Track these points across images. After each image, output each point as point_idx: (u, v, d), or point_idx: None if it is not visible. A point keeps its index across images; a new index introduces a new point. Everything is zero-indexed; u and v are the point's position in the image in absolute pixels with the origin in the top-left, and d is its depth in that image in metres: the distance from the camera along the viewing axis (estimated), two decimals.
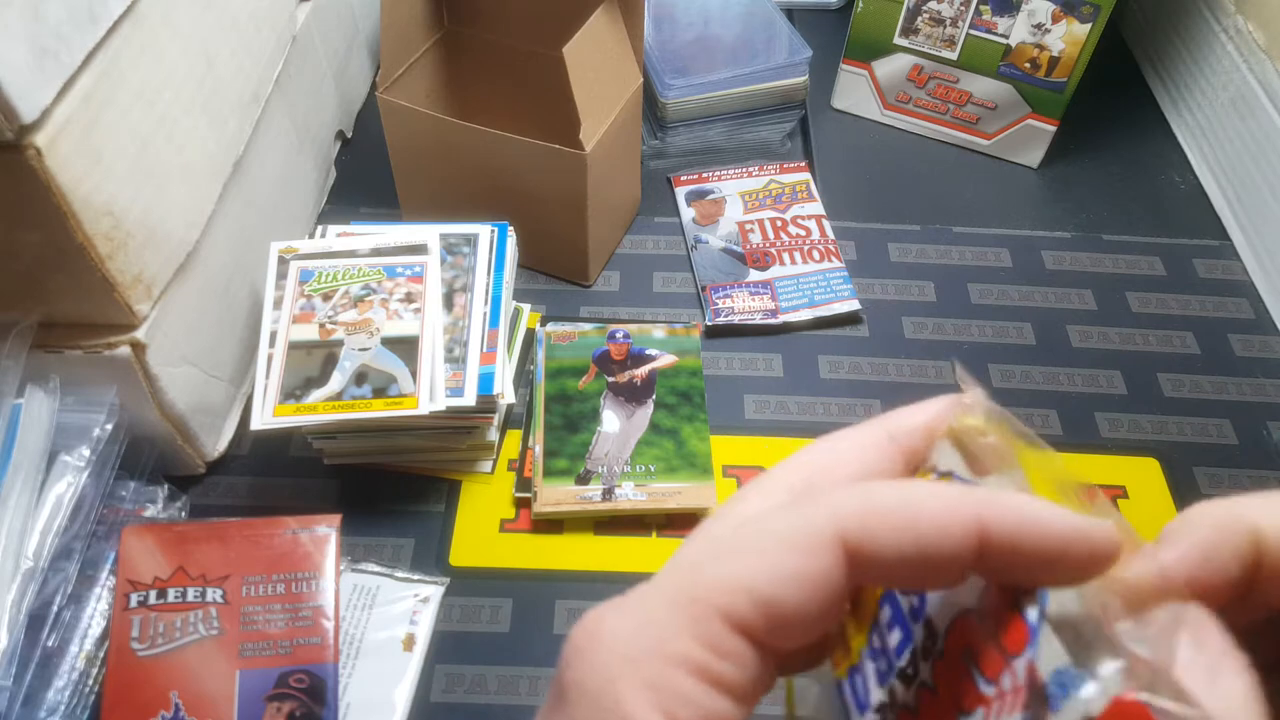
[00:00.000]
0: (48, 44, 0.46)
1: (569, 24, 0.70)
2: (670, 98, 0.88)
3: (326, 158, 0.90)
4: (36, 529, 0.55)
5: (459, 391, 0.64)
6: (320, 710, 0.55)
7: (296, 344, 0.64)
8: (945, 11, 0.90)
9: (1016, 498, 0.18)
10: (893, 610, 0.21)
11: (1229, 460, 0.73)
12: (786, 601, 0.18)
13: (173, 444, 0.65)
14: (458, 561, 0.66)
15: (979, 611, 0.19)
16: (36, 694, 0.53)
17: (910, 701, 0.20)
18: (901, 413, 0.22)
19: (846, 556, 0.18)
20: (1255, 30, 0.89)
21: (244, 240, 0.70)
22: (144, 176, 0.56)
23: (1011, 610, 0.18)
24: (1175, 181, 0.96)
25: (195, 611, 0.56)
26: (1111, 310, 0.84)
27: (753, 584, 0.18)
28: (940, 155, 0.98)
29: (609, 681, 0.17)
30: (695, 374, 0.76)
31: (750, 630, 0.18)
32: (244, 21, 0.68)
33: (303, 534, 0.59)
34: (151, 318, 0.58)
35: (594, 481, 0.69)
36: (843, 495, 0.18)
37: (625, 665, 0.17)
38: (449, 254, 0.70)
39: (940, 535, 0.18)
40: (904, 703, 0.20)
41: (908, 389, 0.78)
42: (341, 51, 0.91)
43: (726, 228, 0.88)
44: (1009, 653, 0.18)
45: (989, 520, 0.18)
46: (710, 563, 0.18)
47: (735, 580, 0.18)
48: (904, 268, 0.87)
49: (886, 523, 0.18)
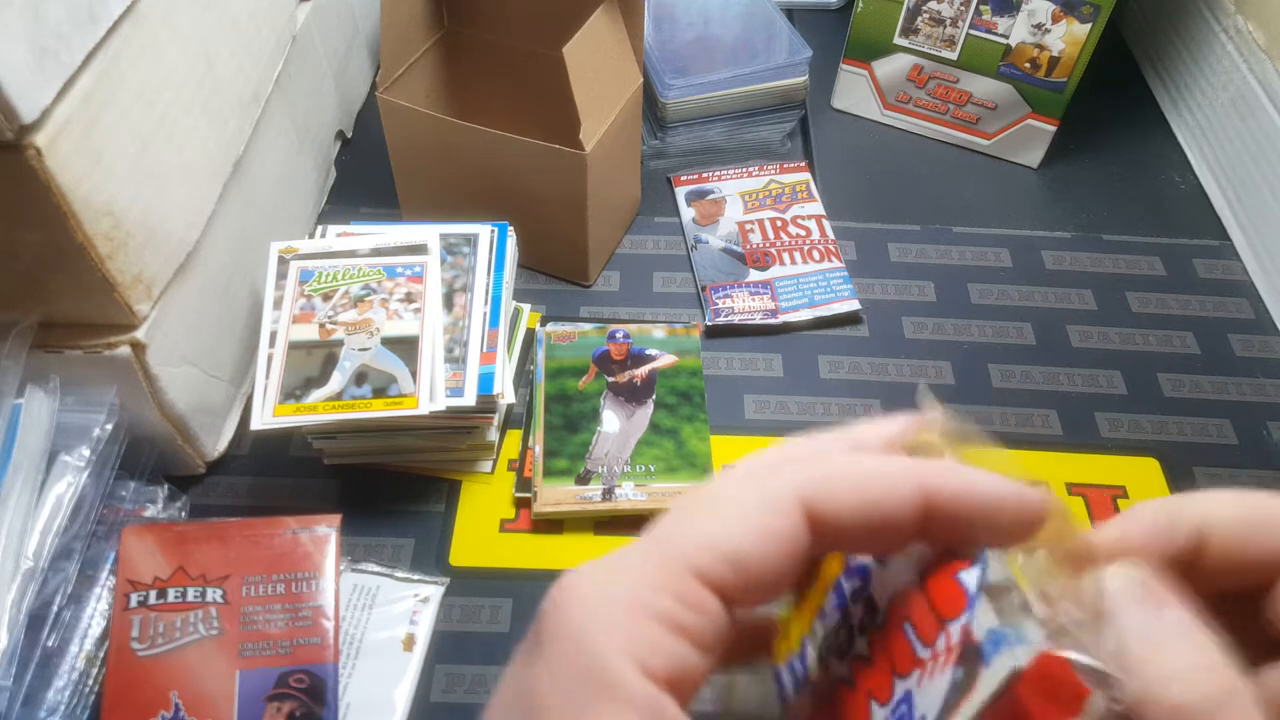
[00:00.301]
0: (48, 44, 0.46)
1: (569, 24, 0.70)
2: (670, 98, 0.88)
3: (326, 158, 0.90)
4: (36, 529, 0.55)
5: (459, 391, 0.64)
6: (320, 710, 0.55)
7: (296, 344, 0.64)
8: (945, 11, 0.90)
9: (958, 466, 0.20)
10: (837, 597, 0.23)
11: (1229, 460, 0.73)
12: (752, 556, 0.19)
13: (173, 444, 0.65)
14: (458, 561, 0.66)
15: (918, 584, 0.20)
16: (36, 694, 0.53)
17: (845, 673, 0.21)
18: (864, 426, 0.23)
19: (807, 517, 0.20)
20: (1255, 30, 0.89)
21: (244, 240, 0.70)
22: (144, 176, 0.56)
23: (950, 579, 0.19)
24: (1175, 181, 0.96)
25: (195, 611, 0.56)
26: (1111, 310, 0.84)
27: (722, 540, 0.19)
28: (940, 155, 0.98)
29: (584, 630, 0.18)
30: (695, 374, 0.76)
31: (718, 584, 0.19)
32: (244, 21, 0.68)
33: (303, 534, 0.59)
34: (151, 318, 0.58)
35: (594, 481, 0.69)
36: (803, 465, 0.20)
37: (600, 616, 0.18)
38: (449, 254, 0.70)
39: (890, 497, 0.19)
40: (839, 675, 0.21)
41: (908, 389, 0.78)
42: (341, 51, 0.91)
43: (726, 228, 0.88)
44: (945, 617, 0.19)
45: (933, 483, 0.20)
46: (682, 525, 0.20)
47: (705, 537, 0.19)
48: (904, 268, 0.87)
49: (842, 485, 0.20)
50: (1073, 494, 0.71)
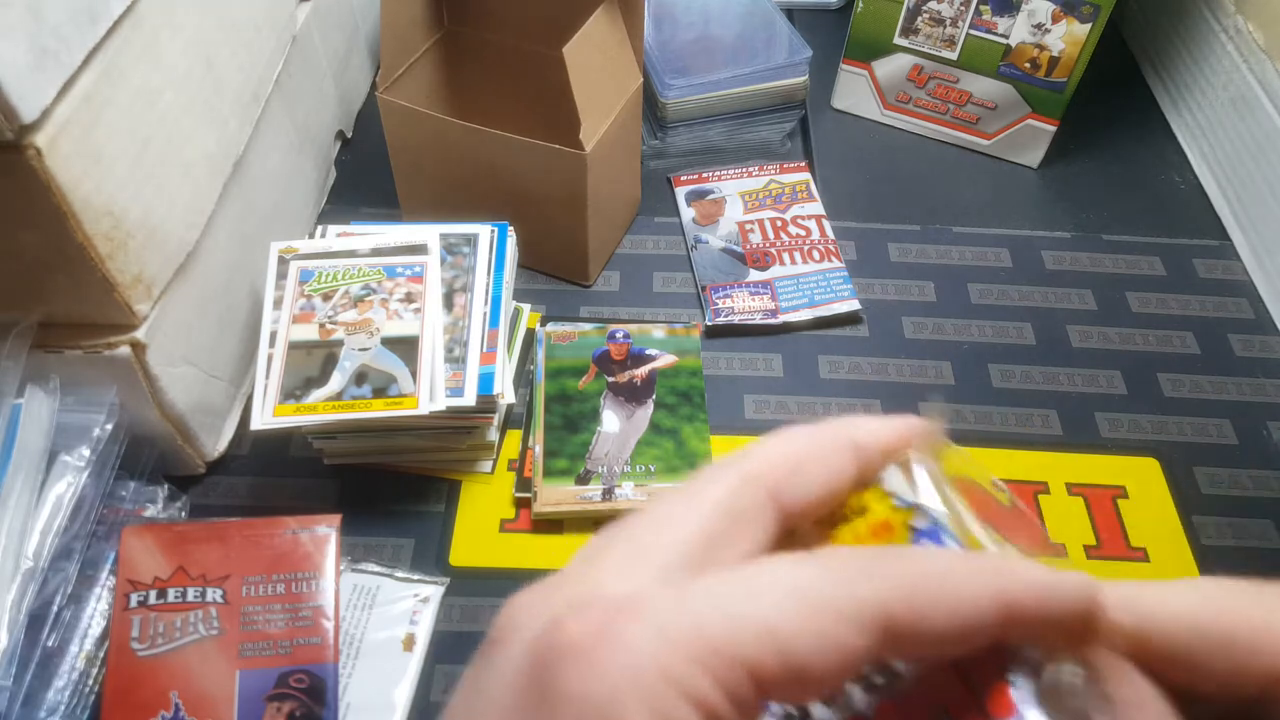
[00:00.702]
0: (48, 44, 0.46)
1: (569, 24, 0.70)
2: (670, 98, 0.88)
3: (326, 158, 0.90)
4: (36, 529, 0.55)
5: (459, 391, 0.64)
6: (320, 710, 0.55)
7: (296, 344, 0.64)
8: (945, 11, 0.90)
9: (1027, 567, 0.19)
10: None
11: (1229, 460, 0.73)
12: (814, 668, 0.17)
13: (173, 444, 0.65)
14: (458, 561, 0.66)
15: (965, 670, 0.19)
16: (36, 694, 0.53)
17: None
18: (865, 424, 0.22)
19: (884, 632, 0.17)
20: (1255, 30, 0.89)
21: (244, 240, 0.70)
22: (144, 176, 0.56)
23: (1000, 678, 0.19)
24: (1175, 181, 0.96)
25: (195, 611, 0.56)
26: (1111, 310, 0.84)
27: (789, 645, 0.17)
28: (940, 155, 0.98)
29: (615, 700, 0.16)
30: (695, 374, 0.76)
31: (766, 685, 0.17)
32: (244, 21, 0.68)
33: (303, 534, 0.59)
34: (151, 318, 0.58)
35: (594, 481, 0.69)
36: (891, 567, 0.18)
37: (638, 687, 0.16)
38: (449, 254, 0.70)
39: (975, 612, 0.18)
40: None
41: (908, 389, 0.78)
42: (341, 51, 0.91)
43: (726, 228, 0.88)
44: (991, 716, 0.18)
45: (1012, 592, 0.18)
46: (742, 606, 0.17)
47: (771, 637, 0.17)
48: (904, 268, 0.87)
49: (930, 603, 0.18)
50: (1073, 494, 0.71)
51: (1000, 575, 0.18)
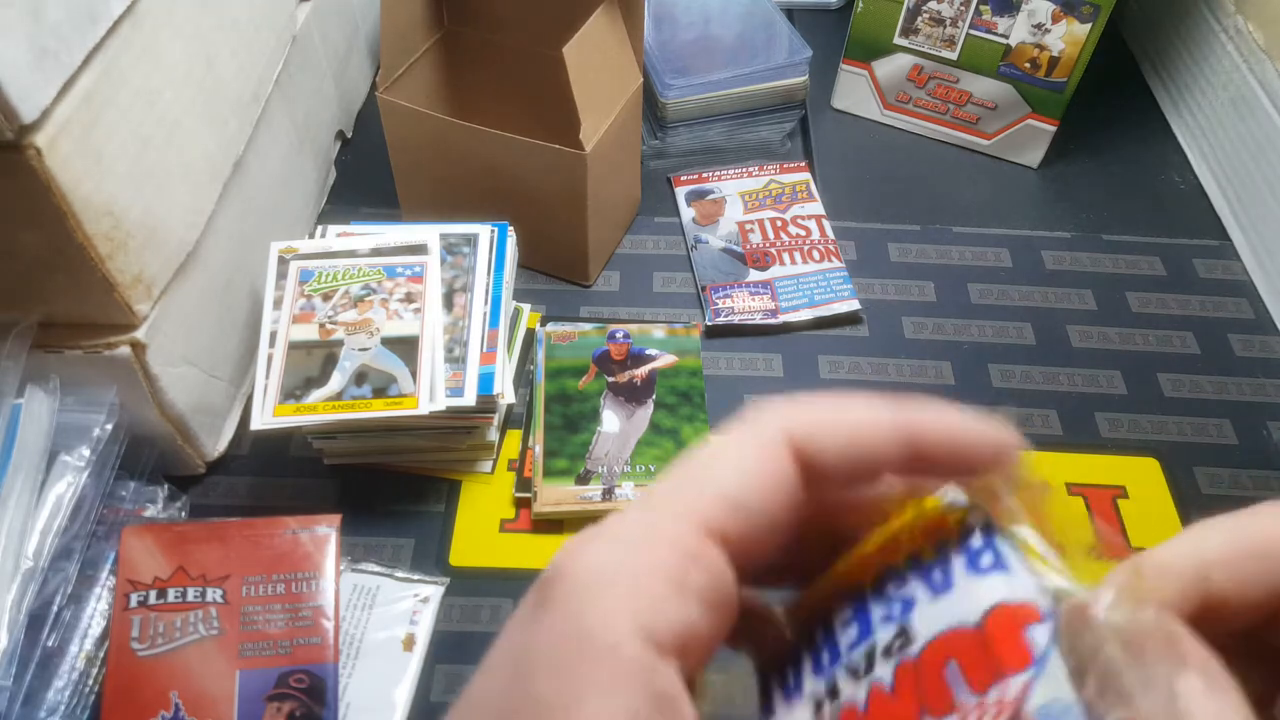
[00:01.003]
0: (48, 44, 0.46)
1: (569, 24, 0.70)
2: (670, 98, 0.88)
3: (326, 158, 0.90)
4: (36, 529, 0.55)
5: (459, 391, 0.64)
6: (320, 710, 0.55)
7: (296, 344, 0.64)
8: (945, 11, 0.90)
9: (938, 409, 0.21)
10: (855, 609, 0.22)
11: (1229, 460, 0.73)
12: (752, 502, 0.19)
13: (173, 444, 0.65)
14: (458, 561, 0.66)
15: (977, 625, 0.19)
16: (36, 694, 0.53)
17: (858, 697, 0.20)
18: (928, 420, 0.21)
19: (795, 455, 0.20)
20: (1255, 30, 0.89)
21: (244, 240, 0.70)
22: (144, 176, 0.56)
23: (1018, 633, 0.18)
24: (1175, 181, 0.96)
25: (195, 611, 0.56)
26: (1111, 310, 0.84)
27: (723, 488, 0.19)
28: (940, 155, 0.98)
29: (584, 591, 0.18)
30: (695, 374, 0.76)
31: (723, 535, 0.19)
32: (244, 21, 0.68)
33: (303, 534, 0.59)
34: (151, 318, 0.58)
35: (594, 481, 0.69)
36: (785, 407, 0.21)
37: (602, 576, 0.18)
38: (449, 254, 0.70)
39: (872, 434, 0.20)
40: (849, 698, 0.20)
41: (908, 389, 0.78)
42: (341, 51, 0.91)
43: (726, 228, 0.88)
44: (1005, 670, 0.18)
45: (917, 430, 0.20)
46: (685, 477, 0.20)
47: (710, 485, 0.19)
48: (904, 268, 0.87)
49: (827, 423, 0.20)
50: (1073, 494, 0.71)
51: (901, 411, 0.21)
